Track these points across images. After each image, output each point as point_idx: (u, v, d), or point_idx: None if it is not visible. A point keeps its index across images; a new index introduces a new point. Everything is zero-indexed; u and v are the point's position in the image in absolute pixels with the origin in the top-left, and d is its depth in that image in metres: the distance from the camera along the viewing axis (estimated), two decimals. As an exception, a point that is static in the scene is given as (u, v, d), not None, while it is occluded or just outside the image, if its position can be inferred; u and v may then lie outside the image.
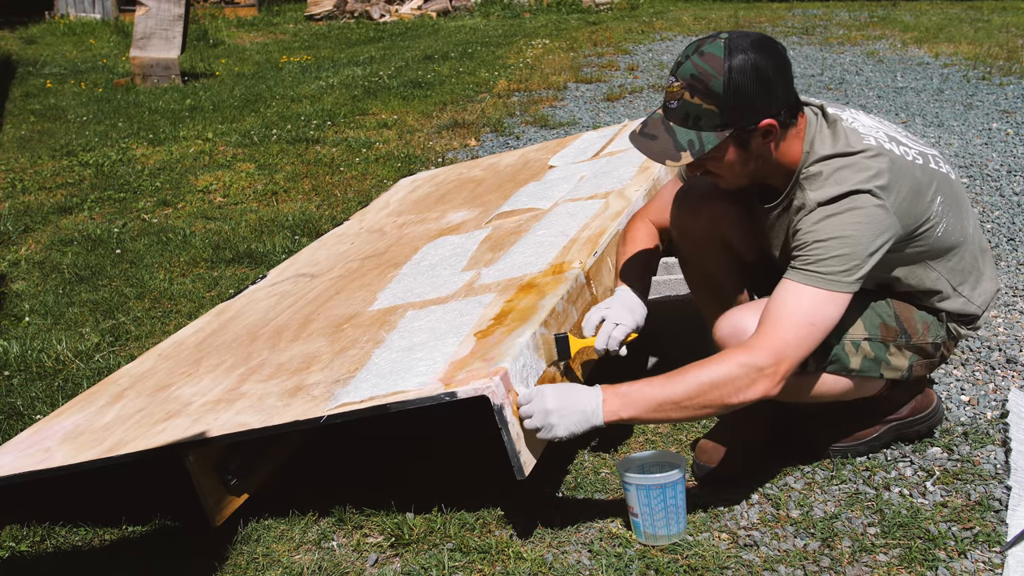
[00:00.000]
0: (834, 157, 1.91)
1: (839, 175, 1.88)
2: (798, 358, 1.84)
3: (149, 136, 6.35)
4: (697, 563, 1.91)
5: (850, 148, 1.91)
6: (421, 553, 1.98)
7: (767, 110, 1.88)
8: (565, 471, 2.27)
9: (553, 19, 13.05)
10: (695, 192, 2.21)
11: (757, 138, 1.91)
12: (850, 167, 1.88)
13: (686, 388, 1.83)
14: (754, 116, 1.87)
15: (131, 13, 10.33)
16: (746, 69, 1.84)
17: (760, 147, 1.92)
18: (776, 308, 1.86)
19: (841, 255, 1.83)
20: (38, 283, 3.84)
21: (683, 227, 2.24)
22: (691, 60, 1.88)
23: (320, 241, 3.59)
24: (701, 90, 1.86)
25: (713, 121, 1.88)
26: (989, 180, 4.48)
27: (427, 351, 2.09)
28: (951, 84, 6.91)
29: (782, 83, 1.89)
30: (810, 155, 1.93)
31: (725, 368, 1.82)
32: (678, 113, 1.91)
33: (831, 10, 12.51)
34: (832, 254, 1.83)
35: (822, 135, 1.95)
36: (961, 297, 2.10)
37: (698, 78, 1.86)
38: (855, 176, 1.87)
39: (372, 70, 8.81)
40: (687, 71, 1.88)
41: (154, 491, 2.26)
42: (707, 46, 1.87)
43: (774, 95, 1.88)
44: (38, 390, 2.88)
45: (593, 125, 6.08)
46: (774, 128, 1.89)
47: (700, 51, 1.87)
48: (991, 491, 2.09)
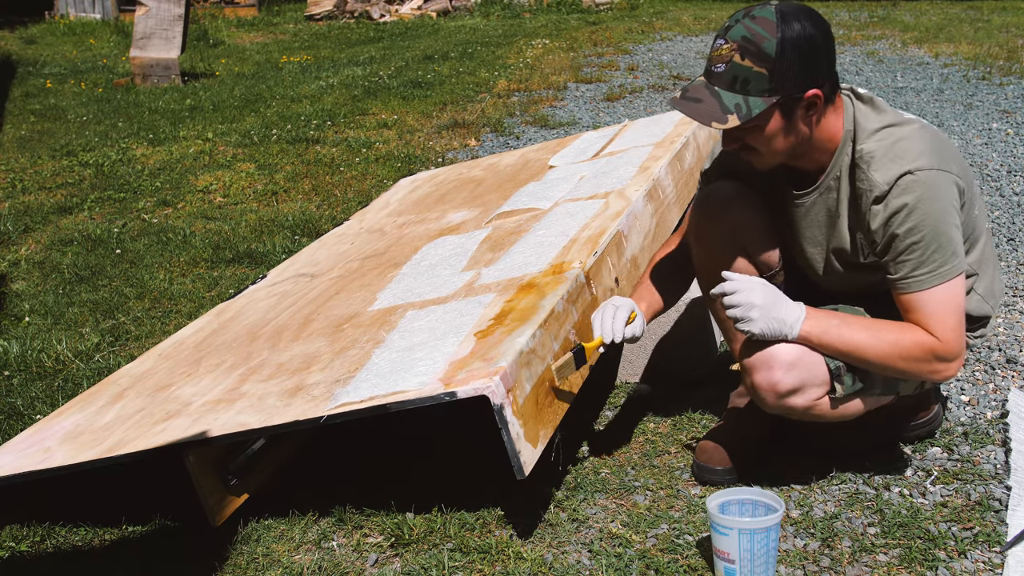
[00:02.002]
0: (884, 129, 1.92)
1: (897, 149, 1.89)
2: (964, 340, 1.93)
3: (149, 136, 6.36)
4: (697, 563, 1.91)
5: (899, 119, 1.93)
6: (421, 553, 1.98)
7: (813, 80, 1.88)
8: (565, 471, 2.27)
9: (553, 19, 13.05)
10: (715, 199, 2.19)
11: (801, 109, 1.90)
12: (905, 139, 1.90)
13: (879, 350, 1.91)
14: (801, 84, 1.87)
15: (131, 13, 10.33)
16: (799, 35, 1.84)
17: (802, 119, 1.92)
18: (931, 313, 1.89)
19: (940, 244, 1.87)
20: (38, 283, 3.84)
21: (702, 234, 2.22)
22: (742, 23, 1.86)
23: (320, 241, 3.59)
24: (753, 52, 1.84)
25: (761, 85, 1.86)
26: (989, 180, 4.48)
27: (427, 351, 2.09)
28: (951, 84, 6.91)
29: (828, 55, 1.90)
30: (858, 132, 1.94)
31: (918, 350, 1.90)
32: (725, 77, 1.88)
33: (831, 10, 12.51)
34: (932, 248, 1.87)
35: (863, 111, 1.96)
36: (977, 295, 2.09)
37: (750, 40, 1.85)
38: (913, 149, 1.88)
39: (372, 70, 8.81)
40: (738, 33, 1.86)
41: (154, 491, 2.26)
42: (758, 11, 1.87)
43: (820, 66, 1.88)
44: (38, 390, 2.88)
45: (593, 125, 6.08)
46: (819, 100, 1.89)
47: (751, 15, 1.87)
48: (991, 491, 2.09)
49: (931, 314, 1.89)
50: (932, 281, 1.88)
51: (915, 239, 1.87)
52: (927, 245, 1.86)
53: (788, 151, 1.98)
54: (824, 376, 1.96)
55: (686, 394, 2.61)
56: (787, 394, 1.96)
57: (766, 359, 1.95)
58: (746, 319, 1.94)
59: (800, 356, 1.95)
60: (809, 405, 1.98)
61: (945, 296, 1.88)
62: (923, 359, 1.90)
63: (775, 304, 1.94)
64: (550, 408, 2.00)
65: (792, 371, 1.94)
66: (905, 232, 1.87)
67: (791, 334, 1.94)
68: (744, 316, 1.94)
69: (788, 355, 1.94)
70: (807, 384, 1.96)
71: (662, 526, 2.04)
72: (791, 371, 1.94)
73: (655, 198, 2.88)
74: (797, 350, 1.94)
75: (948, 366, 1.91)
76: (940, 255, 1.86)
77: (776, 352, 1.95)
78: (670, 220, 2.99)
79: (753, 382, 1.99)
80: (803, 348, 1.95)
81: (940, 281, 1.88)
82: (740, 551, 1.78)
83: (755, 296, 1.93)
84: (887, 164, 1.89)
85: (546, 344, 2.05)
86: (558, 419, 2.03)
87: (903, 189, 1.86)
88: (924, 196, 1.85)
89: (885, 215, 1.89)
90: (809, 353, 1.95)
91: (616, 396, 2.66)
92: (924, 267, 1.88)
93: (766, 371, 1.95)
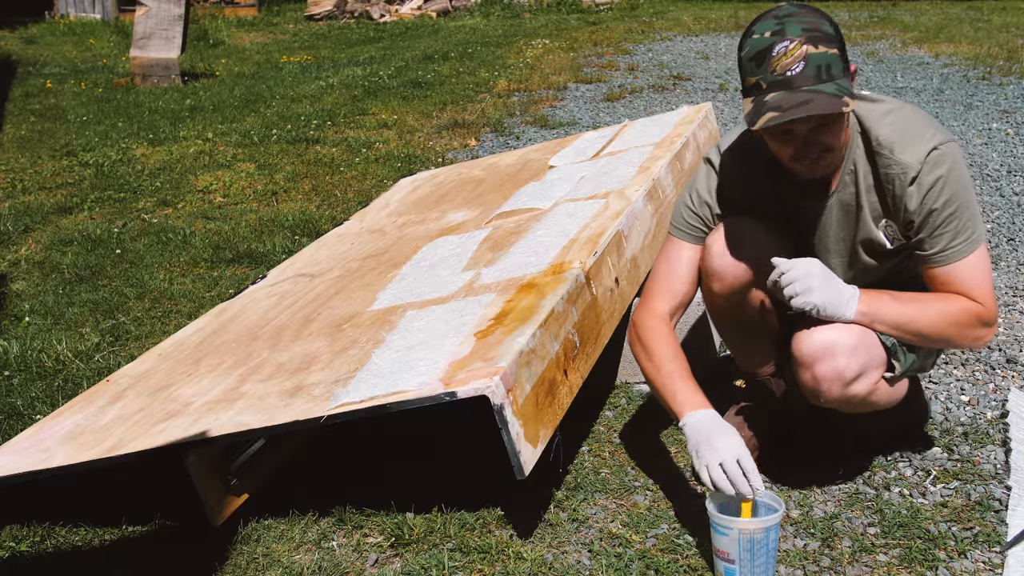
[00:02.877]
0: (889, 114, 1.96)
1: (912, 129, 1.93)
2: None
3: (149, 136, 6.35)
4: (697, 563, 1.91)
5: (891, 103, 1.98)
6: (421, 553, 1.98)
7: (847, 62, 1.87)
8: (565, 471, 2.27)
9: (553, 19, 13.05)
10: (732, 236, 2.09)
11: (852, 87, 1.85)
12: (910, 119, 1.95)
13: (931, 321, 1.93)
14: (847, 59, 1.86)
15: (131, 13, 10.33)
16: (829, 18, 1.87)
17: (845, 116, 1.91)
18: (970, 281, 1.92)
19: (972, 212, 1.92)
20: (38, 283, 3.84)
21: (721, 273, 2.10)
22: (787, 23, 1.79)
23: (320, 241, 3.59)
24: (820, 37, 1.79)
25: (839, 66, 1.81)
26: (989, 180, 4.48)
27: (427, 351, 2.09)
28: (951, 84, 6.91)
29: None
30: (863, 122, 1.96)
31: (965, 316, 1.92)
32: (808, 73, 1.78)
33: (831, 10, 12.51)
34: (966, 217, 1.91)
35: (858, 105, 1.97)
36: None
37: (810, 28, 1.79)
38: (925, 126, 1.93)
39: (372, 70, 8.81)
40: (797, 29, 1.79)
41: (154, 491, 2.26)
42: (782, 11, 1.83)
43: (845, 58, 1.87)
44: (38, 390, 2.87)
45: (593, 125, 6.08)
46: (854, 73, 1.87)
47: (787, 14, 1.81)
48: (991, 491, 2.09)
49: (970, 281, 1.93)
50: (968, 250, 1.92)
51: (952, 210, 1.90)
52: (961, 214, 1.91)
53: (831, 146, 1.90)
54: (882, 356, 1.97)
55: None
56: (852, 380, 1.93)
57: (827, 347, 1.92)
58: (807, 291, 1.90)
59: (860, 338, 1.93)
60: (870, 390, 1.97)
61: (979, 262, 1.93)
62: (970, 325, 1.93)
63: (832, 279, 1.95)
64: (550, 408, 2.00)
65: (855, 355, 1.92)
66: (943, 204, 1.90)
67: (848, 311, 1.93)
68: (804, 289, 1.90)
69: (848, 340, 1.92)
70: (869, 367, 1.94)
71: (662, 526, 2.04)
72: (854, 355, 1.92)
73: (655, 198, 2.88)
74: (855, 334, 1.93)
75: (989, 331, 1.96)
76: (972, 223, 1.92)
77: (835, 339, 1.92)
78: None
79: (816, 374, 1.93)
80: (858, 330, 1.94)
81: (974, 248, 1.92)
82: (740, 551, 1.78)
83: (814, 271, 1.93)
84: (912, 144, 1.92)
85: (546, 344, 2.05)
86: (558, 419, 2.03)
87: (933, 164, 1.90)
88: (953, 167, 1.91)
89: (921, 193, 1.91)
90: (865, 334, 1.94)
91: (616, 396, 2.66)
92: (960, 236, 1.91)
93: (830, 359, 1.91)
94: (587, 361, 2.24)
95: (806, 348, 1.94)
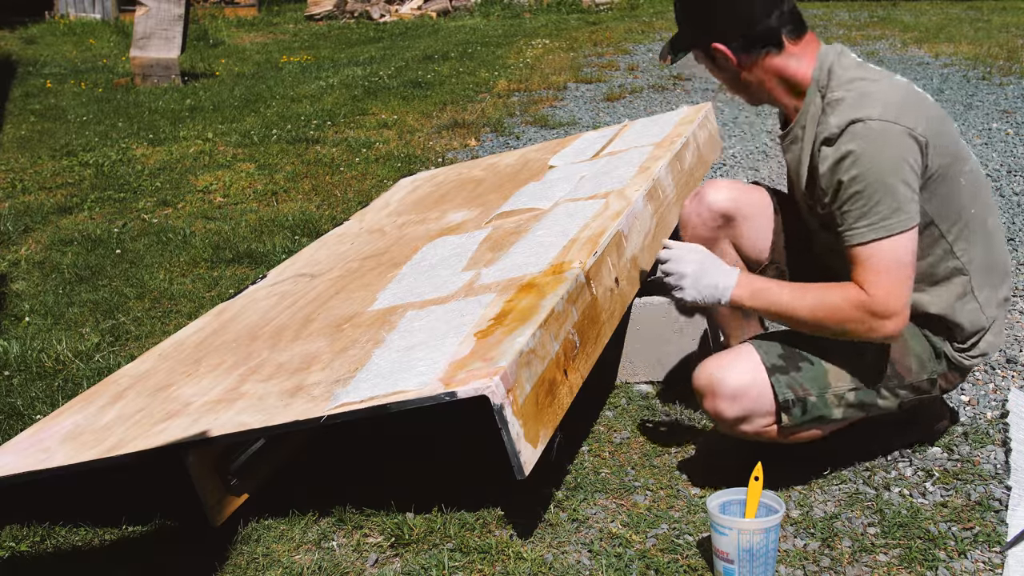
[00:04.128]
0: (858, 81, 1.93)
1: (861, 99, 1.89)
2: (907, 298, 1.88)
3: (149, 136, 6.35)
4: (697, 563, 1.91)
5: (879, 75, 1.96)
6: (421, 553, 1.98)
7: (714, 35, 2.00)
8: (565, 471, 2.27)
9: (553, 19, 13.05)
10: (708, 189, 2.24)
11: (720, 59, 2.03)
12: (874, 92, 1.90)
13: (805, 307, 1.93)
14: (703, 36, 2.02)
15: (131, 13, 10.32)
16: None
17: (726, 66, 2.03)
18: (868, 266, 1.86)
19: (883, 197, 1.84)
20: (38, 283, 3.84)
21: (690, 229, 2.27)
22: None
23: (320, 241, 3.59)
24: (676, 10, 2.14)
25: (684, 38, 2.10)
26: (989, 180, 4.48)
27: (427, 351, 2.09)
28: (951, 84, 6.91)
29: (731, 11, 1.99)
30: (831, 80, 1.96)
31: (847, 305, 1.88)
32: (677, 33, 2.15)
33: (831, 10, 12.51)
34: (875, 200, 1.84)
35: (844, 63, 1.98)
36: (975, 302, 2.04)
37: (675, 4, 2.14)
38: (877, 101, 1.88)
39: (372, 70, 8.81)
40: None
41: (154, 491, 2.26)
42: None
43: (721, 19, 1.99)
44: (38, 390, 2.87)
45: (593, 125, 6.08)
46: (725, 55, 2.00)
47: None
48: (991, 491, 2.09)
49: (868, 268, 1.86)
50: (872, 234, 1.85)
51: (858, 188, 1.85)
52: (869, 196, 1.84)
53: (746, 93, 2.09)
54: (770, 406, 1.98)
55: (686, 394, 2.61)
56: (734, 422, 1.99)
57: (711, 386, 1.99)
58: (678, 287, 2.01)
59: (745, 387, 1.97)
60: (758, 432, 2.01)
61: (886, 249, 1.85)
62: (854, 316, 1.88)
63: (707, 271, 1.99)
64: (550, 408, 2.00)
65: (736, 402, 1.97)
66: (849, 180, 1.86)
67: (723, 299, 1.98)
68: (676, 284, 2.01)
69: (730, 386, 1.97)
70: (753, 414, 1.99)
71: (662, 526, 2.04)
72: (735, 402, 1.97)
73: (655, 198, 2.88)
74: (742, 383, 1.96)
75: (884, 323, 1.87)
76: (883, 207, 1.84)
77: (721, 381, 1.97)
78: (670, 220, 2.98)
79: (703, 407, 2.04)
80: (748, 377, 1.96)
81: (882, 235, 1.84)
82: (740, 551, 1.78)
83: (687, 264, 2.00)
84: (845, 109, 1.89)
85: (546, 344, 2.05)
86: (558, 419, 2.03)
87: (852, 136, 1.86)
88: (870, 146, 1.84)
89: (833, 159, 1.88)
90: (755, 385, 1.96)
91: (616, 396, 2.66)
92: (865, 219, 1.85)
93: (711, 398, 2.00)
94: (587, 361, 2.24)
95: (696, 380, 2.05)
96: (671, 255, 2.03)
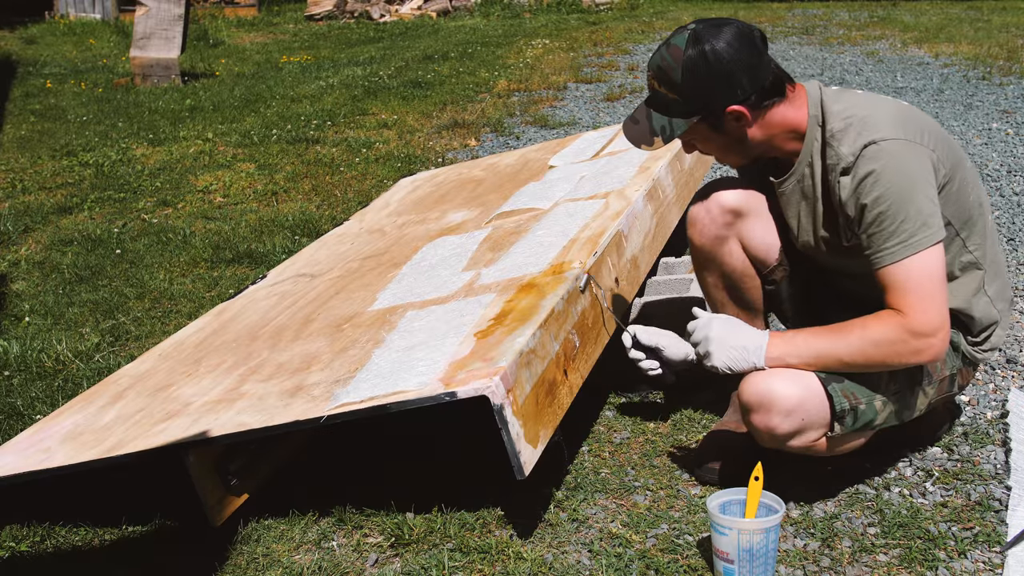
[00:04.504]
0: (852, 107, 1.93)
1: (864, 124, 1.88)
2: (946, 312, 1.84)
3: (149, 136, 6.35)
4: (697, 563, 1.91)
5: (871, 100, 1.95)
6: (421, 553, 1.98)
7: (731, 97, 1.92)
8: (565, 471, 2.27)
9: (553, 19, 13.05)
10: (716, 186, 2.21)
11: (730, 122, 1.96)
12: (873, 115, 1.89)
13: (851, 349, 1.86)
14: (717, 104, 1.94)
15: (131, 13, 10.32)
16: (702, 60, 1.90)
17: (736, 129, 1.97)
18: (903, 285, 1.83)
19: (909, 214, 1.82)
20: (38, 283, 3.84)
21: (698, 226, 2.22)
22: (660, 51, 1.97)
23: (320, 241, 3.59)
24: (665, 80, 1.96)
25: (680, 108, 1.97)
26: (989, 180, 4.48)
27: (427, 351, 2.09)
28: (951, 84, 6.91)
29: (748, 69, 1.91)
30: (826, 115, 1.95)
31: (889, 331, 1.83)
32: (654, 101, 2.01)
33: (831, 10, 12.51)
34: (901, 218, 1.82)
35: (832, 96, 1.97)
36: (986, 296, 2.06)
37: (662, 69, 1.96)
38: (881, 123, 1.87)
39: (372, 70, 8.81)
40: (655, 62, 1.98)
41: (154, 491, 2.26)
42: (674, 38, 1.96)
43: (737, 82, 1.92)
44: (38, 390, 2.87)
45: (593, 125, 6.08)
46: (743, 114, 1.94)
47: (668, 43, 1.96)
48: (991, 491, 2.09)
49: (903, 289, 1.83)
50: (903, 252, 1.83)
51: (883, 208, 1.83)
52: (895, 214, 1.82)
53: (742, 153, 2.03)
54: (825, 418, 1.91)
55: (686, 394, 2.61)
56: (785, 438, 1.92)
57: (764, 401, 1.89)
58: (707, 353, 1.96)
59: (802, 401, 1.88)
60: (807, 446, 1.95)
61: (919, 267, 1.82)
62: (898, 340, 1.82)
63: (733, 333, 1.94)
64: (550, 408, 2.00)
65: (791, 416, 1.88)
66: (873, 201, 1.84)
67: (758, 362, 1.92)
68: (705, 352, 1.97)
69: (788, 399, 1.87)
70: (807, 428, 1.91)
71: (662, 526, 2.04)
72: (790, 416, 1.88)
73: (655, 198, 2.89)
74: (798, 394, 1.87)
75: (929, 341, 1.82)
76: (910, 224, 1.82)
77: (775, 395, 1.88)
78: (670, 220, 2.99)
79: (750, 422, 1.94)
80: (806, 389, 1.88)
81: (912, 252, 1.82)
82: (739, 551, 1.78)
83: (711, 330, 1.96)
84: (853, 137, 1.88)
85: (546, 344, 2.05)
86: (558, 419, 2.03)
87: (868, 158, 1.85)
88: (889, 164, 1.84)
89: (853, 185, 1.88)
90: (812, 395, 1.88)
91: (616, 396, 2.66)
92: (894, 238, 1.83)
93: (764, 413, 1.90)
94: (587, 361, 2.24)
95: (745, 395, 1.93)
96: (696, 324, 1.99)
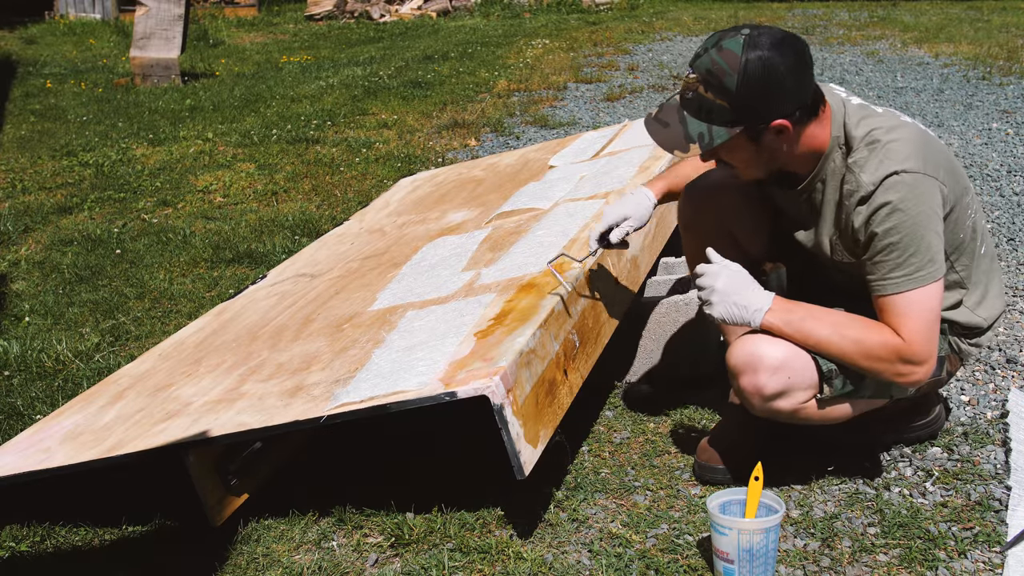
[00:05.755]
0: (874, 132, 1.91)
1: (886, 152, 1.88)
2: (936, 344, 1.90)
3: (149, 136, 6.35)
4: (697, 563, 1.91)
5: (891, 123, 1.93)
6: (421, 553, 1.98)
7: (780, 110, 1.87)
8: (565, 471, 2.27)
9: (553, 19, 13.05)
10: (703, 184, 2.21)
11: (770, 135, 1.90)
12: (895, 143, 1.88)
13: (842, 346, 1.90)
14: (766, 116, 1.87)
15: (131, 13, 10.32)
16: (761, 69, 1.82)
17: (773, 143, 1.92)
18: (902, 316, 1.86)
19: (918, 248, 1.85)
20: (38, 283, 3.84)
21: (688, 220, 2.26)
22: (709, 54, 1.86)
23: (320, 241, 3.59)
24: (715, 85, 1.85)
25: (724, 117, 1.87)
26: (989, 180, 4.48)
27: (427, 351, 2.09)
28: (951, 84, 6.91)
29: (798, 83, 1.87)
30: (848, 139, 1.94)
31: (883, 350, 1.87)
32: (692, 104, 1.91)
33: (831, 10, 12.51)
34: (910, 252, 1.85)
35: (853, 117, 1.95)
36: (965, 308, 2.08)
37: (713, 73, 1.85)
38: (902, 151, 1.87)
39: (372, 70, 8.81)
40: (704, 65, 1.87)
41: (154, 491, 2.26)
42: (727, 41, 1.86)
43: (788, 96, 1.87)
44: (38, 390, 2.87)
45: (593, 125, 6.08)
46: (787, 128, 1.89)
47: (719, 45, 1.86)
48: (991, 491, 2.09)
49: (902, 317, 1.87)
50: (906, 285, 1.86)
51: (893, 239, 1.85)
52: (905, 247, 1.85)
53: (766, 168, 1.99)
54: (813, 379, 1.95)
55: (686, 394, 2.61)
56: (772, 397, 1.94)
57: (751, 362, 1.94)
58: (708, 300, 1.97)
59: (787, 359, 1.92)
60: (795, 408, 1.97)
61: (918, 300, 1.86)
62: (887, 359, 1.87)
63: (738, 290, 1.95)
64: (550, 408, 2.00)
65: (777, 374, 1.92)
66: (884, 231, 1.86)
67: (753, 322, 1.94)
68: (707, 297, 1.97)
69: (774, 358, 1.92)
70: (794, 387, 1.94)
71: (662, 526, 2.04)
72: (776, 374, 1.92)
73: (655, 198, 2.88)
74: (783, 352, 1.92)
75: (914, 369, 1.88)
76: (917, 259, 1.85)
77: (762, 355, 1.93)
78: (670, 220, 2.99)
79: (739, 385, 1.98)
80: (791, 349, 1.93)
81: (915, 286, 1.86)
82: (740, 551, 1.78)
83: (719, 281, 1.96)
84: (875, 166, 1.88)
85: (546, 344, 2.06)
86: (558, 419, 2.03)
87: (887, 188, 1.85)
88: (907, 197, 1.84)
89: (867, 213, 1.88)
90: (797, 355, 1.93)
91: (616, 396, 2.66)
92: (900, 270, 1.86)
93: (751, 374, 1.94)
94: (587, 361, 2.24)
95: (733, 358, 1.98)
96: (706, 269, 1.99)
